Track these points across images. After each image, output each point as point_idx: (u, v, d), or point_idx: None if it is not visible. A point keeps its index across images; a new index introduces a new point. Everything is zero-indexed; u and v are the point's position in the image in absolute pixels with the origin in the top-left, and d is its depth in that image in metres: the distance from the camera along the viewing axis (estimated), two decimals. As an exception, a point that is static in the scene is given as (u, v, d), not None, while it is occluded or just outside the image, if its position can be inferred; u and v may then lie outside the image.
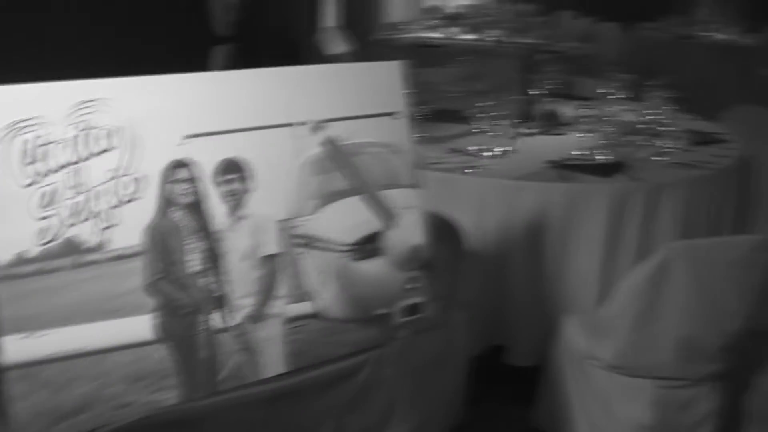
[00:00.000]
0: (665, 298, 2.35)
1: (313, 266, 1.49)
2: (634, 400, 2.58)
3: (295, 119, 1.46)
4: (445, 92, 4.36)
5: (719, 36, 9.16)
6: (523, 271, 2.91)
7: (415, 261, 1.54)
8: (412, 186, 1.57)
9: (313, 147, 1.47)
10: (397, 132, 1.55)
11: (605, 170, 3.07)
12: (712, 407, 2.63)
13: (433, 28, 7.67)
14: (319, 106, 1.47)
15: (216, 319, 1.52)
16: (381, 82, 1.55)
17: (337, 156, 1.46)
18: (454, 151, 3.20)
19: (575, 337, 2.70)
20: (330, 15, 8.21)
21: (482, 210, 2.86)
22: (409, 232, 1.52)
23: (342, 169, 1.47)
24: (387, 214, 1.49)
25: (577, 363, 2.68)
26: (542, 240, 2.86)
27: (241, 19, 5.51)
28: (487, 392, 3.15)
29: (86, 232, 1.40)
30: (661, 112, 3.62)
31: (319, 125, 1.46)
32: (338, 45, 7.41)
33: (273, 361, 1.54)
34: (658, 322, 2.39)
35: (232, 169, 1.47)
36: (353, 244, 1.49)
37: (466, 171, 2.94)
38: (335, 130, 1.47)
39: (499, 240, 2.88)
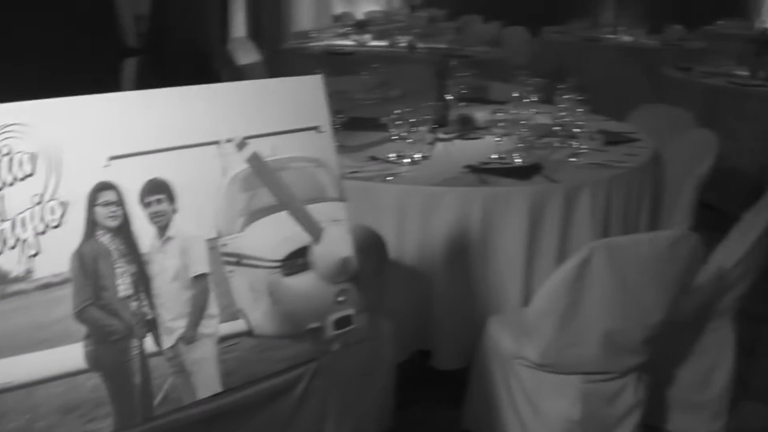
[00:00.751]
0: (588, 295, 2.40)
1: (244, 284, 1.48)
2: (561, 396, 2.63)
3: (221, 137, 1.44)
4: (360, 100, 4.38)
5: (624, 38, 9.39)
6: (446, 276, 2.92)
7: (344, 273, 1.54)
8: (339, 199, 1.57)
9: (239, 164, 1.45)
10: (322, 146, 1.55)
11: (523, 173, 3.10)
12: (638, 398, 2.70)
13: (344, 36, 7.69)
14: (244, 122, 1.46)
15: (149, 343, 1.49)
16: (304, 96, 1.54)
17: (263, 172, 1.45)
18: (372, 159, 3.20)
19: (501, 338, 2.74)
20: (240, 25, 8.18)
21: (403, 217, 2.86)
22: (337, 245, 1.52)
23: (268, 185, 1.46)
24: (314, 228, 1.49)
25: (504, 363, 2.71)
26: (464, 244, 2.88)
27: (151, 30, 5.45)
28: (416, 396, 3.18)
29: (12, 261, 1.36)
30: (574, 113, 3.69)
31: (244, 142, 1.45)
32: (249, 55, 7.37)
33: (208, 382, 1.52)
34: (581, 319, 2.44)
35: (158, 190, 1.44)
36: (282, 260, 1.48)
37: (386, 179, 2.94)
38: (260, 146, 1.46)
39: (420, 246, 2.89)
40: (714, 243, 2.95)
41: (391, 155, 3.20)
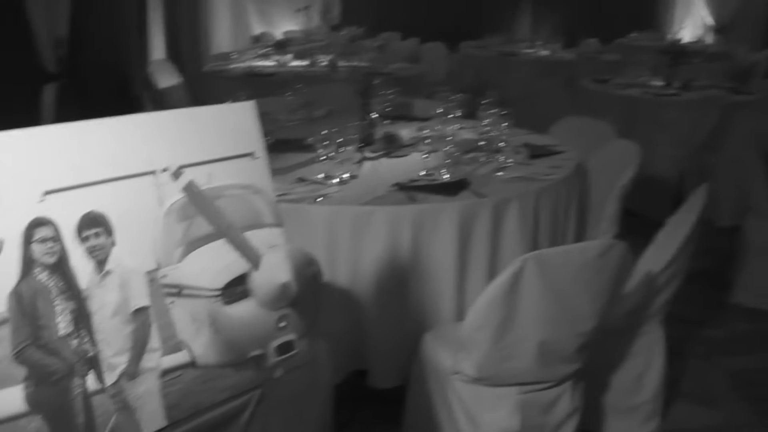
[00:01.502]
0: (521, 307, 2.43)
1: (185, 314, 1.46)
2: (499, 408, 2.65)
3: (156, 166, 1.42)
4: (285, 121, 4.37)
5: (541, 51, 9.55)
6: (379, 295, 2.93)
7: (284, 299, 1.54)
8: (276, 225, 1.56)
9: (175, 193, 1.44)
10: (257, 172, 1.54)
11: (451, 189, 3.13)
12: (574, 405, 2.74)
13: (264, 57, 7.65)
14: (179, 151, 1.45)
15: (91, 381, 1.46)
16: (237, 123, 1.54)
17: (199, 201, 1.44)
18: (300, 180, 3.19)
19: (437, 354, 2.76)
20: (159, 47, 8.10)
21: (334, 238, 2.87)
22: (276, 271, 1.51)
23: (205, 214, 1.45)
24: (253, 254, 1.48)
25: (441, 379, 2.73)
26: (396, 262, 2.89)
27: (70, 54, 5.37)
28: (355, 416, 3.18)
29: (-53, 304, 1.32)
30: (498, 128, 3.74)
31: (179, 171, 1.43)
32: (169, 77, 7.31)
33: (153, 417, 1.50)
34: (516, 331, 2.47)
35: (95, 223, 1.42)
36: (222, 288, 1.47)
37: (316, 200, 2.94)
38: (196, 174, 1.45)
39: (352, 266, 2.90)
40: (640, 249, 3.02)
41: (319, 176, 3.20)
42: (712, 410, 3.61)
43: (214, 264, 1.46)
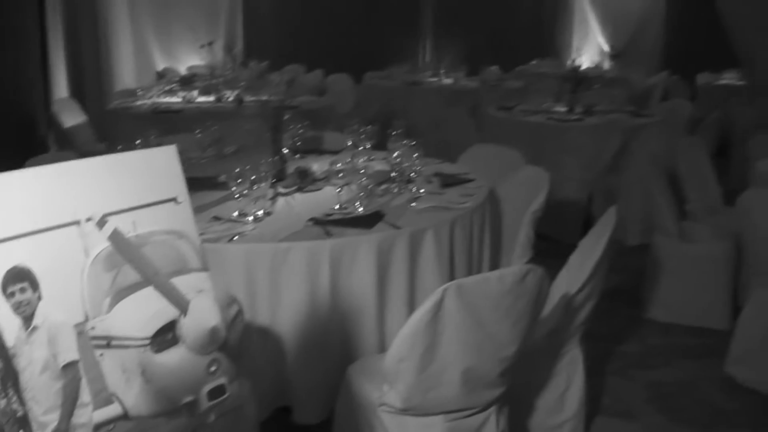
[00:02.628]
0: (444, 336, 2.45)
1: (115, 366, 1.43)
2: (427, 438, 2.66)
3: (81, 216, 1.40)
4: (195, 159, 4.32)
5: (445, 80, 9.68)
6: (300, 330, 2.92)
7: (213, 343, 1.52)
8: (202, 269, 1.55)
9: (101, 243, 1.41)
10: (181, 217, 1.52)
11: (366, 221, 3.15)
12: (500, 430, 2.78)
13: (170, 93, 7.55)
14: (103, 199, 1.42)
15: (21, 441, 1.41)
16: (159, 168, 1.52)
17: (125, 249, 1.42)
18: (215, 219, 3.16)
19: (362, 386, 2.76)
20: (62, 85, 7.96)
21: (252, 276, 2.85)
22: (204, 316, 1.50)
23: (132, 262, 1.42)
24: (181, 301, 1.47)
25: (367, 411, 2.73)
26: (315, 296, 2.89)
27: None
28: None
29: None
30: (409, 158, 3.77)
31: (104, 219, 1.41)
32: (74, 116, 7.18)
33: (85, 472, 1.46)
34: (440, 360, 2.49)
35: (20, 278, 1.38)
36: (152, 337, 1.44)
37: (233, 239, 2.92)
38: (121, 222, 1.43)
39: (272, 303, 2.88)
40: (554, 272, 3.09)
41: (234, 214, 3.18)
42: (631, 423, 3.72)
43: (142, 312, 1.44)
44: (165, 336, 1.46)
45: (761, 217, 3.85)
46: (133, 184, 1.46)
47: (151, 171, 1.51)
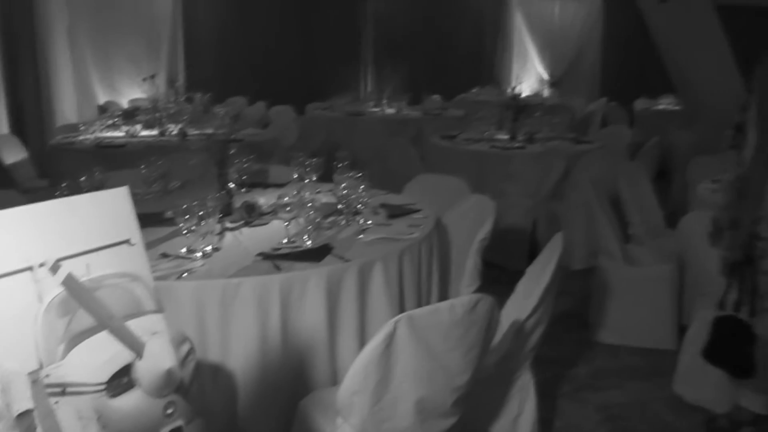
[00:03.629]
0: (396, 368, 2.46)
1: (71, 413, 1.40)
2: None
3: (33, 262, 1.38)
4: (141, 195, 4.28)
5: (388, 110, 9.73)
6: (252, 366, 2.90)
7: (169, 385, 1.51)
8: (157, 311, 1.53)
9: (54, 288, 1.40)
10: (135, 259, 1.51)
11: (315, 255, 3.15)
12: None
13: (113, 127, 7.47)
14: (56, 244, 1.40)
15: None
16: (112, 210, 1.51)
17: (79, 294, 1.40)
18: (163, 256, 3.13)
19: (315, 420, 2.75)
20: (2, 121, 7.86)
21: (202, 313, 2.83)
22: (160, 358, 1.48)
23: (86, 307, 1.40)
24: (136, 343, 1.45)
25: (321, 446, 2.72)
26: (266, 332, 2.88)
27: None
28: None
29: None
30: (355, 190, 3.79)
31: (57, 264, 1.39)
32: (15, 153, 7.09)
33: None
34: (393, 392, 2.50)
35: (-29, 327, 1.36)
36: (107, 382, 1.42)
37: (182, 276, 2.90)
38: (74, 266, 1.41)
39: (222, 340, 2.86)
40: (503, 299, 3.13)
41: (182, 250, 3.16)
42: (583, 446, 3.76)
43: (97, 358, 1.41)
44: (120, 380, 1.44)
45: (702, 239, 3.93)
46: (86, 228, 1.45)
47: (104, 213, 1.50)
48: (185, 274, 2.91)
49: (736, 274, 3.42)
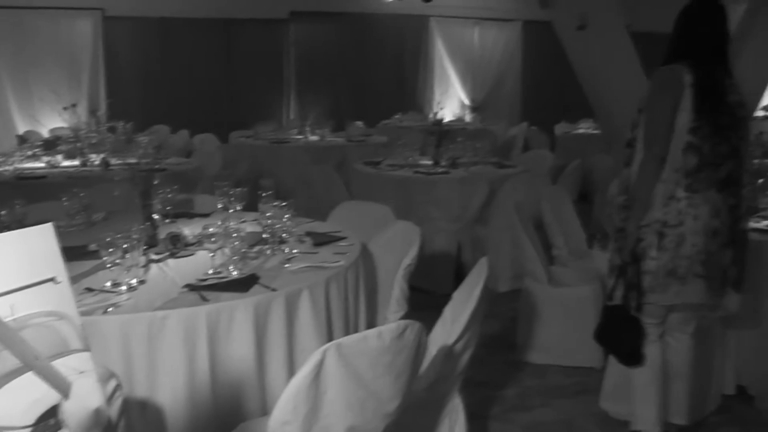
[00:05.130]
0: (326, 397, 2.46)
1: (-4, 460, 1.38)
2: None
3: (-46, 304, 1.36)
4: (64, 228, 4.21)
5: (311, 137, 9.74)
6: (181, 400, 2.87)
7: (97, 425, 1.49)
8: (84, 349, 1.51)
9: (-24, 330, 1.37)
10: (61, 297, 1.49)
11: (241, 285, 3.14)
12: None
13: (34, 158, 7.32)
14: (-23, 285, 1.38)
15: None
16: (37, 247, 1.48)
17: (4, 335, 1.37)
18: (88, 290, 3.08)
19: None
20: None
21: (128, 348, 2.79)
22: (87, 398, 1.46)
23: (11, 348, 1.38)
24: (62, 384, 1.43)
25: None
26: (194, 364, 2.86)
27: None
28: None
29: None
30: (280, 219, 3.78)
31: (-22, 305, 1.37)
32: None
33: None
34: (323, 421, 2.49)
35: None
36: (34, 424, 1.40)
37: (107, 310, 2.86)
38: (-3, 307, 1.39)
39: (149, 374, 2.83)
40: (430, 323, 3.15)
41: (107, 284, 3.12)
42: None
43: (23, 400, 1.39)
44: (48, 422, 1.41)
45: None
46: (10, 266, 1.42)
47: (29, 251, 1.47)
48: (110, 309, 2.87)
49: (622, 274, 3.64)
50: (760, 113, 14.12)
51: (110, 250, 3.12)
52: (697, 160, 3.48)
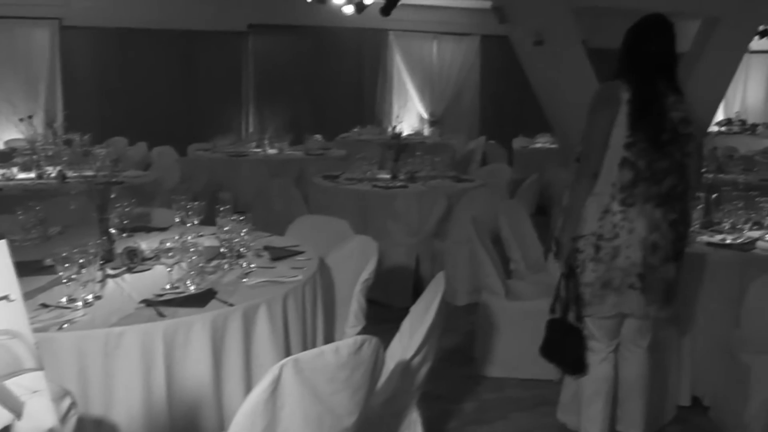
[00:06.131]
0: (283, 413, 2.45)
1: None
2: None
3: None
4: (18, 242, 4.15)
5: (270, 150, 9.72)
6: (138, 416, 2.85)
7: (52, 444, 1.48)
8: (37, 368, 1.50)
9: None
10: (14, 315, 1.48)
11: (199, 300, 3.12)
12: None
13: (-13, 170, 7.23)
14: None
15: None
16: (-12, 265, 1.48)
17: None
18: (43, 306, 3.04)
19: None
20: None
21: (84, 365, 2.76)
22: (41, 417, 1.45)
23: (-39, 367, 1.37)
24: (15, 404, 1.42)
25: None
26: (151, 381, 2.84)
27: None
28: None
29: None
30: (238, 233, 3.78)
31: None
32: None
33: None
34: (281, 436, 2.49)
35: None
36: (-14, 447, 1.39)
37: (63, 327, 2.83)
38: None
39: (106, 391, 2.79)
40: (388, 338, 3.17)
41: (62, 300, 3.08)
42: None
43: (-25, 420, 1.38)
44: (1, 443, 1.40)
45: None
46: (-40, 285, 1.42)
47: (-20, 269, 1.46)
48: (66, 325, 2.84)
49: (561, 285, 3.75)
50: (714, 129, 14.41)
51: (66, 265, 3.08)
52: (632, 175, 3.54)
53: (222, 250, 3.74)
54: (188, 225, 4.24)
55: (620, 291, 3.62)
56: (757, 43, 13.14)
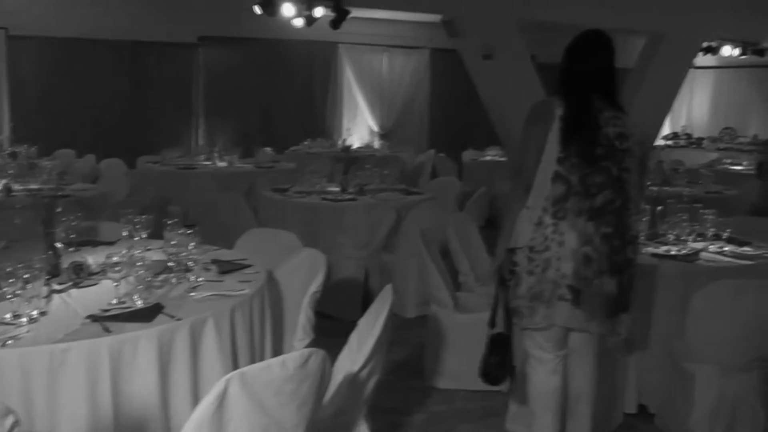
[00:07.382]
0: (230, 427, 2.46)
1: None
2: None
3: None
4: (-41, 257, 4.09)
5: (219, 163, 9.68)
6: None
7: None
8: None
9: None
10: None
11: (146, 315, 3.10)
12: None
13: (-69, 184, 7.09)
14: None
15: None
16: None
17: None
18: (-15, 322, 3.01)
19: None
20: None
21: (28, 382, 2.72)
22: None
23: None
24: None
25: None
26: (97, 397, 2.81)
27: None
28: None
29: None
30: (185, 247, 3.76)
31: None
32: None
33: None
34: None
35: None
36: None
37: (6, 343, 2.80)
38: None
39: (51, 410, 2.74)
40: (337, 350, 3.18)
41: (6, 316, 3.04)
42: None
43: None
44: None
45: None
46: None
47: None
48: (10, 342, 2.81)
49: (495, 298, 3.84)
50: (660, 143, 14.66)
51: (10, 280, 3.06)
52: (564, 189, 3.59)
53: (170, 264, 3.72)
54: (136, 239, 4.21)
55: (550, 303, 3.65)
56: (702, 59, 13.45)
